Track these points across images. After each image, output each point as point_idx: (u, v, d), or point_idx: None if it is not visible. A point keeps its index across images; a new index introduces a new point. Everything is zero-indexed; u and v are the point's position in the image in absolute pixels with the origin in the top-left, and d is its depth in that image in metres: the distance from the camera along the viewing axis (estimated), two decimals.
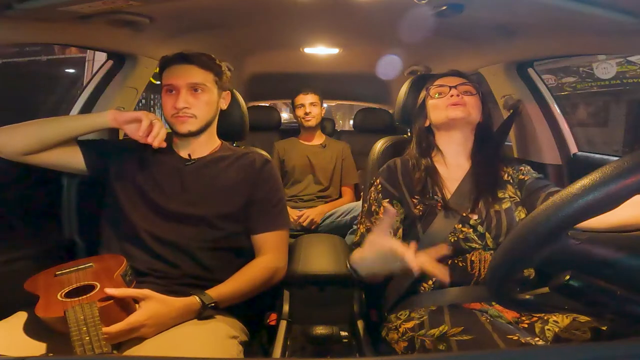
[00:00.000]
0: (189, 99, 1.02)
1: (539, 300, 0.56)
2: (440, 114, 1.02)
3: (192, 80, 1.02)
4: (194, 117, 1.03)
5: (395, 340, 0.90)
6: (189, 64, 1.03)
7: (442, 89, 1.03)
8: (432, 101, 1.05)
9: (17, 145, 0.97)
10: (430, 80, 1.09)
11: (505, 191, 0.98)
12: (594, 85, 7.11)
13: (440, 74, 1.09)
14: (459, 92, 1.01)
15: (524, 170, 1.02)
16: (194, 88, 1.03)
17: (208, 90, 1.05)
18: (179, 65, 1.03)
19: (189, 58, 1.03)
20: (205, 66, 1.05)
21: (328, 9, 1.34)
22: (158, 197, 1.01)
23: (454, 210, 0.94)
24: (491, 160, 1.02)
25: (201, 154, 1.08)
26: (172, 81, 1.02)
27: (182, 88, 1.01)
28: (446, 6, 1.02)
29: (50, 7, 0.93)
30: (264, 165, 1.09)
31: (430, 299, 0.91)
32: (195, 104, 1.02)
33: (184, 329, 0.83)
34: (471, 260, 0.90)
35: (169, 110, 1.03)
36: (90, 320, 0.69)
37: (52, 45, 6.39)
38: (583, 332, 0.73)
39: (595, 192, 0.42)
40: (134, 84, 1.52)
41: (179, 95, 1.01)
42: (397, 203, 0.99)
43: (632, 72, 6.63)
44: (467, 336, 0.77)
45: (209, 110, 1.06)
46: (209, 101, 1.05)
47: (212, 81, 1.06)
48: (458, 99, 1.00)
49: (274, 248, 1.04)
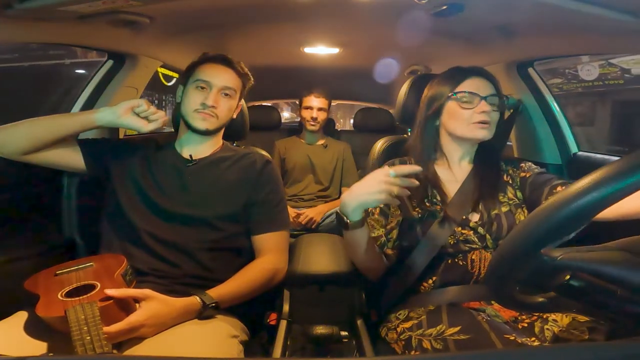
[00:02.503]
0: (219, 99, 1.04)
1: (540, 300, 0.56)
2: (462, 127, 0.94)
3: (228, 84, 1.05)
4: (216, 117, 1.05)
5: (395, 340, 0.90)
6: (228, 67, 1.07)
7: (472, 97, 0.92)
8: (455, 107, 0.94)
9: (15, 144, 0.97)
10: (447, 78, 0.97)
11: (505, 194, 0.96)
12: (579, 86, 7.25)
13: (469, 69, 0.96)
14: (489, 106, 0.92)
15: (524, 167, 0.99)
16: (225, 92, 1.05)
17: (234, 97, 1.08)
18: (218, 65, 1.06)
19: (229, 62, 1.07)
20: (240, 74, 1.09)
21: (328, 9, 1.34)
22: (158, 198, 1.01)
23: (454, 214, 0.93)
24: (493, 163, 1.00)
25: (203, 154, 1.09)
26: (208, 78, 1.04)
27: (215, 87, 1.04)
28: (446, 6, 1.02)
29: (50, 7, 0.93)
30: (265, 166, 1.09)
31: (429, 299, 0.91)
32: (221, 106, 1.05)
33: (185, 329, 0.83)
34: (471, 259, 0.90)
35: (194, 104, 1.04)
36: (90, 319, 0.69)
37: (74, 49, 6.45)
38: (582, 332, 0.73)
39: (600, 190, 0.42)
40: (134, 84, 1.52)
41: (209, 94, 1.03)
42: (395, 205, 0.99)
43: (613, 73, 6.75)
44: (464, 335, 0.77)
45: (228, 115, 1.09)
46: (232, 107, 1.09)
47: (239, 89, 1.10)
48: (487, 117, 0.91)
49: (275, 249, 1.05)
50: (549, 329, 0.77)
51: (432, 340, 0.80)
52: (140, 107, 0.99)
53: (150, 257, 0.96)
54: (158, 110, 1.02)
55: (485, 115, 0.92)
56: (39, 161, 1.00)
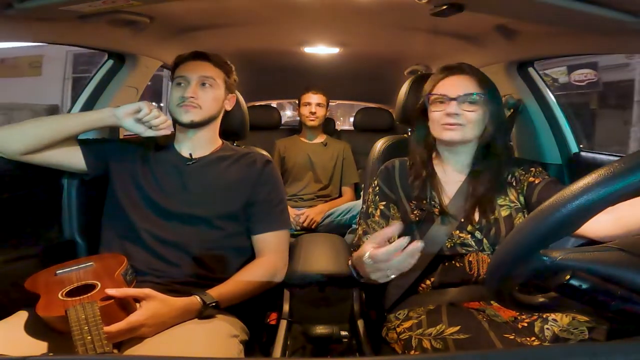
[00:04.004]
0: (197, 91, 1.04)
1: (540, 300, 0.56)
2: (436, 129, 0.93)
3: (204, 73, 1.05)
4: (198, 107, 1.04)
5: (395, 340, 0.90)
6: (203, 60, 1.07)
7: (441, 98, 0.92)
8: (430, 110, 0.95)
9: (16, 145, 0.97)
10: (433, 77, 0.97)
11: (506, 197, 0.94)
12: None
13: (451, 67, 0.95)
14: (460, 106, 0.90)
15: (534, 172, 0.95)
16: (203, 82, 1.05)
17: (216, 87, 1.07)
18: (192, 61, 1.07)
19: (203, 55, 1.08)
20: (218, 64, 1.08)
21: (328, 9, 1.34)
22: (158, 197, 1.01)
23: (452, 217, 0.92)
24: (492, 164, 0.95)
25: (203, 153, 1.09)
26: (184, 73, 1.05)
27: (192, 80, 1.04)
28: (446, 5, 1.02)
29: (50, 7, 0.93)
30: (265, 166, 1.09)
31: (429, 299, 0.91)
32: (202, 97, 1.04)
33: (185, 329, 0.83)
34: (469, 261, 0.90)
35: (175, 100, 1.04)
36: (91, 319, 0.69)
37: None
38: (582, 332, 0.73)
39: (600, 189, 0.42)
40: (134, 84, 1.52)
41: (188, 87, 1.04)
42: (394, 206, 0.98)
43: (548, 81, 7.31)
44: (464, 335, 0.77)
45: (214, 106, 1.07)
46: (215, 97, 1.07)
47: (221, 79, 1.09)
48: (454, 119, 0.89)
49: (275, 248, 1.05)
50: (549, 328, 0.77)
51: (431, 340, 0.80)
52: (141, 113, 0.99)
53: (150, 257, 0.96)
54: (161, 114, 1.01)
55: (453, 117, 0.89)
56: (39, 161, 1.00)
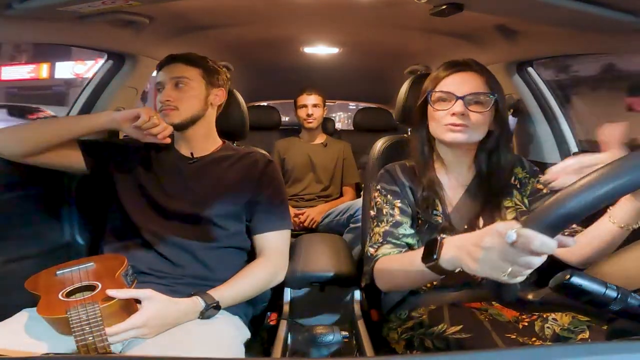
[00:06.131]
0: (172, 93, 1.04)
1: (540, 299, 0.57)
2: (437, 129, 0.88)
3: (175, 74, 1.05)
4: (176, 109, 1.04)
5: (396, 340, 0.90)
6: (174, 62, 1.07)
7: (448, 96, 0.86)
8: (432, 109, 0.89)
9: (17, 147, 0.97)
10: (436, 74, 0.90)
11: (511, 199, 0.92)
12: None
13: (457, 63, 0.89)
14: (466, 105, 0.84)
15: (541, 179, 0.91)
16: (176, 83, 1.05)
17: (192, 85, 1.06)
18: (166, 66, 1.07)
19: (174, 57, 1.08)
20: (190, 62, 1.07)
21: (328, 9, 1.34)
22: (160, 196, 1.01)
23: (455, 225, 0.90)
24: (495, 167, 0.92)
25: (203, 152, 1.09)
26: (159, 79, 1.07)
27: (166, 83, 1.05)
28: (446, 5, 1.02)
29: (50, 7, 0.93)
30: (267, 166, 1.09)
31: (430, 299, 0.91)
32: (177, 98, 1.04)
33: (186, 329, 0.83)
34: None
35: (158, 106, 1.06)
36: (92, 320, 0.69)
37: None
38: (582, 332, 0.73)
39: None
40: (134, 84, 1.52)
41: (163, 91, 1.04)
42: (405, 201, 0.93)
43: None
44: (466, 334, 0.77)
45: (193, 104, 1.05)
46: (193, 95, 1.06)
47: (197, 76, 1.07)
48: (460, 119, 0.84)
49: (276, 248, 1.04)
50: (550, 327, 0.77)
51: (433, 339, 0.80)
52: (139, 120, 0.97)
53: (151, 257, 0.96)
54: (161, 122, 1.00)
55: (459, 118, 0.84)
56: (39, 162, 1.00)
